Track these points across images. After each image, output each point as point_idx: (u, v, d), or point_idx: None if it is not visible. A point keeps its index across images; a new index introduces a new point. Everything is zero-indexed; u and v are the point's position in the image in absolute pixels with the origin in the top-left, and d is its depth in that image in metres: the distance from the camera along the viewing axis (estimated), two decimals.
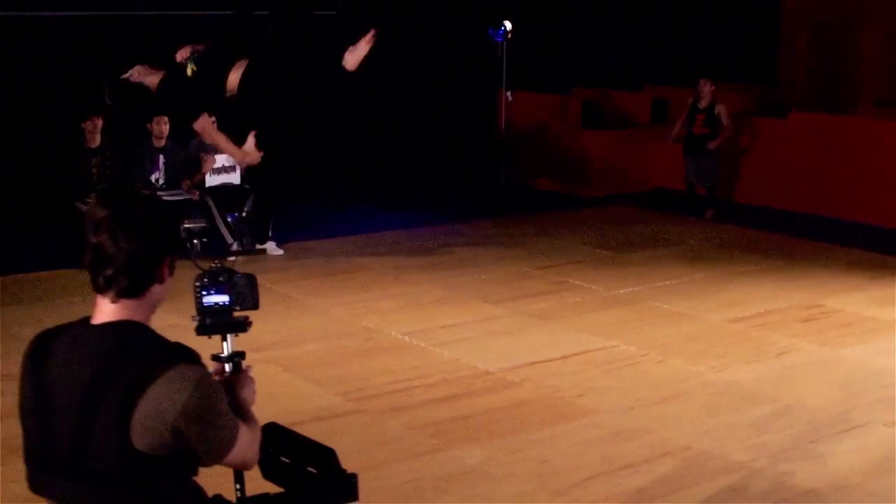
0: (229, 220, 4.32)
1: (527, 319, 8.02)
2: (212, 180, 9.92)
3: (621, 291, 8.75)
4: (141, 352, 2.31)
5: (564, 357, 7.14)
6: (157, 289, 2.43)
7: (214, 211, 9.73)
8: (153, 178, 9.88)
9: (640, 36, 15.59)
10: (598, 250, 10.27)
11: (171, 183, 9.94)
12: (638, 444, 5.74)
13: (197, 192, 9.85)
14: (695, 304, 8.41)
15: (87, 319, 2.40)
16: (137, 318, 2.39)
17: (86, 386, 2.29)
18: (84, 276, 2.45)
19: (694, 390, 6.54)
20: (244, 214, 4.69)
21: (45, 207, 10.40)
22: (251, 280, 3.02)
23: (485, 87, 14.14)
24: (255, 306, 3.01)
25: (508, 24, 13.55)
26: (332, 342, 7.49)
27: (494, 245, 10.51)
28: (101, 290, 2.37)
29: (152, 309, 2.45)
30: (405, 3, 13.94)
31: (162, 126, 9.84)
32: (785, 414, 6.15)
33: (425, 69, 13.97)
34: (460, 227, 11.39)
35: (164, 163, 9.94)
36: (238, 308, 2.98)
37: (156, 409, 2.25)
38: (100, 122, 9.74)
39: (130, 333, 2.35)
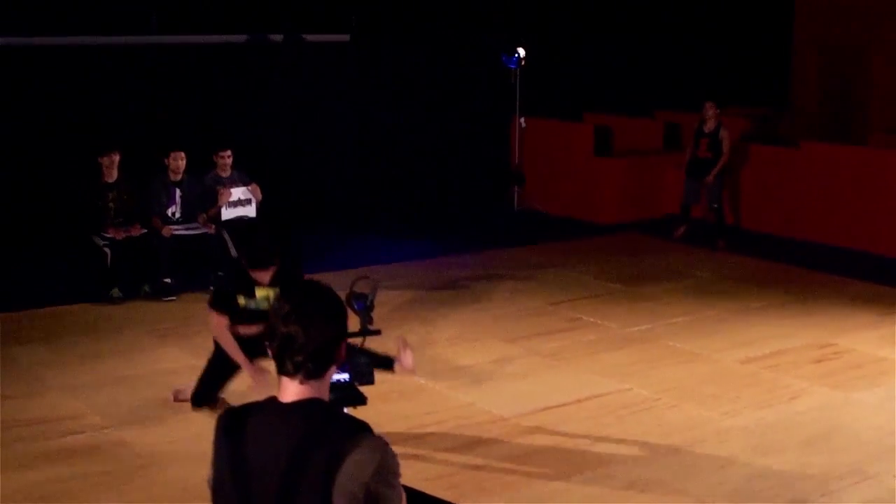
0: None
1: (541, 360, 8.08)
2: (227, 213, 10.04)
3: (634, 329, 8.81)
4: (335, 426, 2.64)
5: (579, 401, 7.20)
6: (333, 368, 2.76)
7: (230, 244, 9.85)
8: (169, 212, 9.96)
9: (653, 62, 15.64)
10: (610, 283, 10.33)
11: (186, 217, 10.03)
12: (651, 496, 5.79)
13: (213, 226, 9.96)
14: (707, 342, 8.46)
15: (274, 398, 2.71)
16: (320, 395, 2.70)
17: (289, 457, 2.59)
18: (102, 310, 2.55)
19: (706, 438, 6.59)
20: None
21: (62, 242, 10.52)
22: (369, 358, 3.18)
23: (498, 114, 14.22)
24: (371, 382, 3.19)
25: (522, 51, 13.66)
26: None
27: (508, 278, 10.55)
28: (289, 373, 2.67)
29: (328, 385, 2.78)
30: (418, 30, 14.03)
31: (178, 161, 9.93)
32: (796, 464, 6.19)
33: (438, 96, 14.05)
34: (474, 257, 11.45)
35: (181, 196, 10.01)
36: (357, 384, 3.16)
37: (355, 473, 2.55)
38: (117, 157, 9.83)
39: (321, 411, 2.68)
